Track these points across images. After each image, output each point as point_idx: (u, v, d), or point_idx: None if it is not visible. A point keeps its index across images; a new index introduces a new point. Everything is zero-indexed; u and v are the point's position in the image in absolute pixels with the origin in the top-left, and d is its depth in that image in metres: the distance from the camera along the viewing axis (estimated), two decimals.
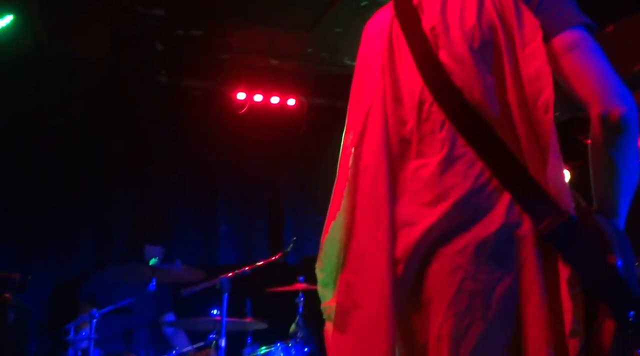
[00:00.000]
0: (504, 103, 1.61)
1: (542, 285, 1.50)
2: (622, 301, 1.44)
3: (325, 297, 1.77)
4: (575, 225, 1.50)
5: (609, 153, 1.58)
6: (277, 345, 4.43)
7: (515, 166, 1.57)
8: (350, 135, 1.78)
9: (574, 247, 1.49)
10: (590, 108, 1.56)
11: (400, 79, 1.73)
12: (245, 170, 5.99)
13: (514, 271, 1.52)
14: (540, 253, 1.52)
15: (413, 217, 1.61)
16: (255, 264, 4.36)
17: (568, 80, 1.60)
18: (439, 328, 1.53)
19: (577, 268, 1.47)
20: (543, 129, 1.55)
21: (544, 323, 1.48)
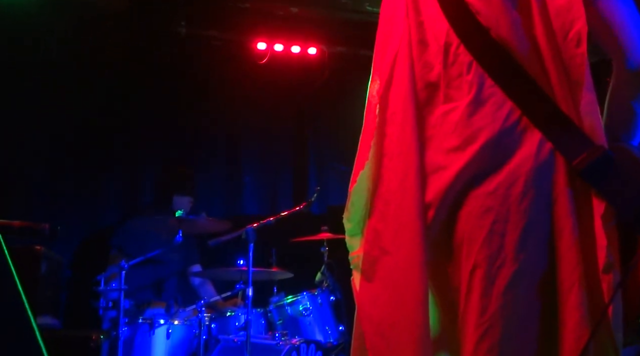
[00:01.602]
0: (532, 39, 1.58)
1: (575, 222, 1.49)
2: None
3: (353, 247, 1.76)
4: (611, 160, 1.49)
5: (631, 106, 1.56)
6: (303, 294, 4.49)
7: (546, 103, 1.54)
8: (376, 83, 1.74)
9: (611, 181, 1.48)
10: (616, 61, 1.54)
11: (425, 23, 1.69)
12: (267, 120, 5.98)
13: (547, 211, 1.51)
14: (573, 191, 1.51)
15: (443, 162, 1.59)
16: (280, 214, 4.39)
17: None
18: (472, 271, 1.53)
19: (614, 202, 1.46)
20: (575, 63, 1.53)
21: (577, 260, 1.48)
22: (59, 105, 5.14)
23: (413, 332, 1.55)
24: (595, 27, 1.56)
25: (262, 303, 4.52)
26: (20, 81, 4.98)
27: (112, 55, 5.39)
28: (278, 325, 4.40)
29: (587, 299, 1.46)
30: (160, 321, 3.90)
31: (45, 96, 5.09)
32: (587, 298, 1.46)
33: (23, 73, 5.01)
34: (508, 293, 1.49)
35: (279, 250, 4.71)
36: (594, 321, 1.45)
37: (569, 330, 1.46)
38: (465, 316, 1.53)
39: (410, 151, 1.62)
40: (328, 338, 4.45)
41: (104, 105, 5.36)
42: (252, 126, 5.97)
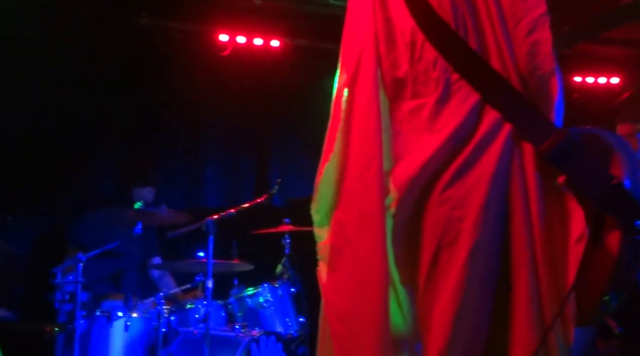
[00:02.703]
0: (492, 29, 1.63)
1: (532, 205, 1.55)
2: (629, 211, 1.50)
3: (321, 238, 1.81)
4: (576, 143, 1.54)
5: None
6: (263, 286, 4.50)
7: (510, 93, 1.60)
8: (343, 77, 1.78)
9: (576, 164, 1.52)
10: None
11: (392, 19, 1.72)
12: (229, 112, 5.94)
13: (504, 196, 1.56)
14: (539, 173, 1.57)
15: (409, 156, 1.63)
16: (241, 206, 4.38)
17: None
18: (432, 256, 1.57)
19: (579, 183, 1.51)
20: (522, 51, 1.60)
21: (529, 240, 1.55)
22: (15, 96, 5.02)
23: (373, 320, 1.60)
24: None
25: (222, 295, 4.51)
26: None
27: (69, 46, 5.28)
28: (238, 317, 4.40)
29: (544, 276, 1.52)
30: (118, 313, 3.86)
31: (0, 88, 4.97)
32: (546, 274, 1.52)
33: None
34: (464, 274, 1.54)
35: (240, 242, 4.70)
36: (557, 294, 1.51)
37: (520, 307, 1.53)
38: (425, 298, 1.59)
39: (373, 144, 1.67)
40: (288, 330, 4.47)
41: (61, 96, 5.25)
42: (213, 118, 5.93)
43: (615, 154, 1.56)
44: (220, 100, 5.84)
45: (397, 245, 1.62)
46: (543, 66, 1.62)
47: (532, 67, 1.61)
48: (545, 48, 1.62)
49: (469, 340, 1.54)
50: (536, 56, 1.62)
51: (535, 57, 1.61)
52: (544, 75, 1.61)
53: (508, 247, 1.57)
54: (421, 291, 1.60)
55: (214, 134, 6.00)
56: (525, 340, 1.53)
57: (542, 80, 1.61)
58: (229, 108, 5.92)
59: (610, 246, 1.50)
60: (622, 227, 1.49)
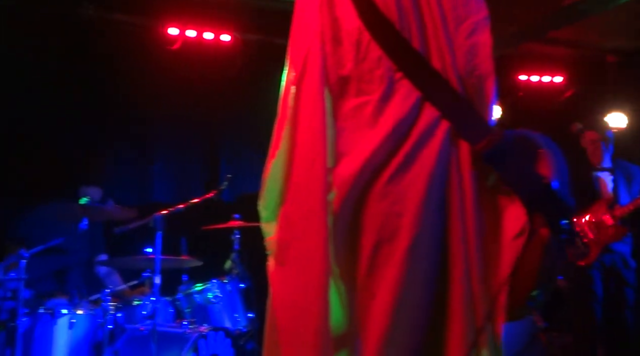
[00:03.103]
0: (434, 29, 1.67)
1: (476, 202, 1.59)
2: (556, 210, 1.56)
3: (269, 233, 1.83)
4: (510, 145, 1.61)
5: None
6: (212, 282, 4.48)
7: (450, 93, 1.65)
8: (291, 74, 1.80)
9: (509, 164, 1.58)
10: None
11: (338, 18, 1.76)
12: (179, 107, 5.89)
13: (442, 192, 1.61)
14: (475, 172, 1.63)
15: (351, 153, 1.66)
16: (190, 202, 4.35)
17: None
18: (372, 250, 1.61)
19: (511, 183, 1.57)
20: (462, 52, 1.66)
21: (464, 235, 1.60)
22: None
23: (314, 312, 1.63)
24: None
25: (170, 292, 4.47)
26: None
27: (14, 38, 5.14)
28: (186, 313, 4.37)
29: (476, 272, 1.58)
30: (63, 311, 3.79)
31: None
32: (479, 270, 1.58)
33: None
34: (403, 268, 1.58)
35: (189, 238, 4.67)
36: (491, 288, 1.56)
37: (455, 302, 1.58)
38: (364, 293, 1.62)
39: (318, 141, 1.70)
40: (237, 326, 4.46)
41: (6, 90, 5.11)
42: (162, 113, 5.86)
43: (545, 156, 1.62)
44: (169, 94, 5.78)
45: (338, 240, 1.65)
46: (481, 67, 1.68)
47: (471, 67, 1.67)
48: (484, 50, 1.68)
49: (406, 335, 1.58)
50: (475, 57, 1.68)
51: (474, 59, 1.68)
52: (482, 76, 1.68)
53: (446, 243, 1.62)
54: (360, 286, 1.63)
55: (163, 129, 5.94)
56: (459, 334, 1.58)
57: (480, 81, 1.67)
58: (179, 103, 5.86)
59: (538, 244, 1.56)
60: (548, 225, 1.55)
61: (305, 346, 1.61)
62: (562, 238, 1.57)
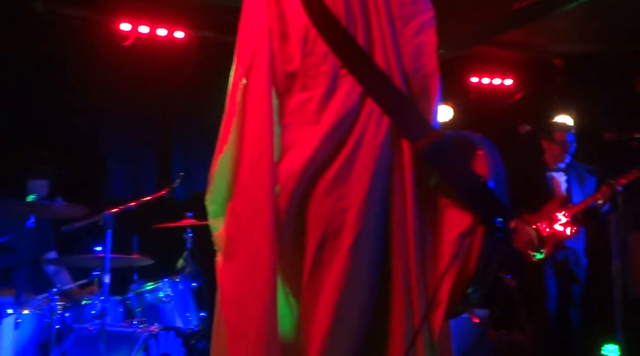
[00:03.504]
0: (379, 27, 1.70)
1: (408, 198, 1.64)
2: (491, 209, 1.60)
3: (216, 228, 1.83)
4: (449, 144, 1.65)
5: None
6: (164, 281, 4.44)
7: (393, 92, 1.69)
8: (239, 70, 1.81)
9: (447, 162, 1.61)
10: None
11: (286, 14, 1.77)
12: (132, 104, 5.81)
13: (385, 188, 1.64)
14: (415, 170, 1.66)
15: (297, 148, 1.68)
16: (141, 200, 4.30)
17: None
18: (316, 247, 1.62)
19: (450, 181, 1.61)
20: (409, 51, 1.69)
21: (405, 232, 1.64)
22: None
23: (259, 307, 1.64)
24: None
25: (121, 291, 4.42)
26: None
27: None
28: (137, 312, 4.32)
29: (415, 270, 1.61)
30: (8, 311, 3.70)
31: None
32: (417, 268, 1.61)
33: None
34: (348, 264, 1.61)
35: (141, 236, 4.61)
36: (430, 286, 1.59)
37: (397, 297, 1.61)
38: (309, 288, 1.64)
39: (265, 137, 1.71)
40: (189, 325, 4.43)
41: None
42: (115, 109, 5.78)
43: (482, 156, 1.67)
44: (122, 90, 5.71)
45: (284, 236, 1.66)
46: (427, 66, 1.72)
47: (417, 66, 1.71)
48: (430, 49, 1.72)
49: (350, 331, 1.61)
50: (421, 57, 1.72)
51: (420, 58, 1.72)
52: (427, 75, 1.72)
53: (388, 240, 1.65)
54: (306, 282, 1.65)
55: (116, 126, 5.86)
56: (399, 332, 1.62)
57: (425, 80, 1.71)
58: (132, 99, 5.79)
59: (474, 242, 1.60)
60: (484, 224, 1.59)
61: (251, 342, 1.62)
62: (497, 236, 1.61)
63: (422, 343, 1.61)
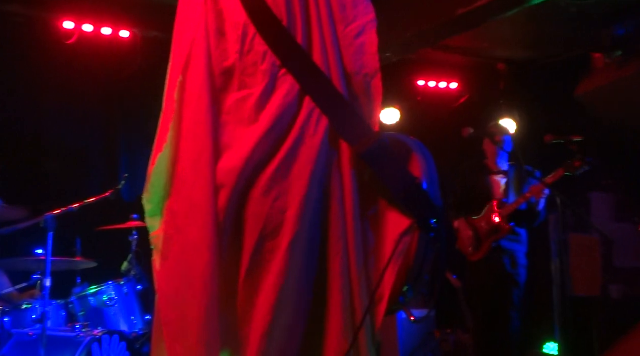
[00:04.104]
0: (319, 28, 1.72)
1: (347, 199, 1.66)
2: (426, 209, 1.63)
3: (154, 227, 1.82)
4: (386, 146, 1.67)
5: None
6: (108, 284, 4.37)
7: (332, 93, 1.70)
8: (175, 68, 1.79)
9: (384, 164, 1.64)
10: None
11: (224, 12, 1.76)
12: (76, 104, 5.68)
13: (323, 188, 1.65)
14: (355, 171, 1.68)
15: (236, 146, 1.68)
16: (85, 201, 4.22)
17: None
18: (254, 246, 1.62)
19: (387, 182, 1.63)
20: (350, 52, 1.71)
21: (341, 233, 1.66)
22: None
23: (199, 304, 1.63)
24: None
25: (63, 294, 4.33)
26: None
27: None
28: (80, 316, 4.24)
29: (355, 269, 1.62)
30: None
31: None
32: (358, 267, 1.62)
33: None
34: (286, 263, 1.62)
35: (84, 238, 4.53)
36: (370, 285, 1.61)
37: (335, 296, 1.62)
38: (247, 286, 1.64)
39: (203, 135, 1.71)
40: (133, 328, 4.38)
41: None
42: (58, 109, 5.64)
43: (416, 158, 1.70)
44: (65, 90, 5.58)
45: (223, 235, 1.66)
46: (368, 66, 1.75)
47: (359, 66, 1.73)
48: (372, 50, 1.75)
49: (288, 329, 1.62)
50: (363, 56, 1.74)
51: (362, 57, 1.74)
52: (369, 74, 1.74)
53: (326, 240, 1.66)
54: (243, 280, 1.65)
55: (59, 126, 5.71)
56: (338, 331, 1.63)
57: (367, 79, 1.74)
58: (75, 99, 5.66)
59: (410, 242, 1.63)
60: (418, 224, 1.63)
61: (192, 342, 1.61)
62: (431, 236, 1.64)
63: (364, 339, 1.62)
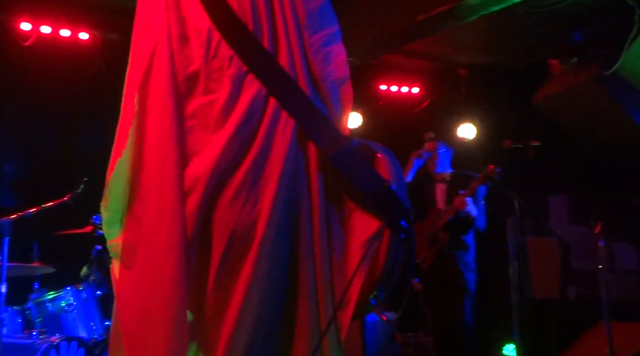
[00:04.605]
0: (285, 34, 1.72)
1: (315, 203, 1.66)
2: (396, 211, 1.65)
3: (112, 235, 1.78)
4: (356, 149, 1.69)
5: None
6: (66, 289, 4.31)
7: (301, 97, 1.70)
8: (135, 73, 1.76)
9: (354, 166, 1.65)
10: None
11: (186, 18, 1.75)
12: (33, 106, 5.58)
13: (293, 192, 1.65)
14: (323, 175, 1.69)
15: (203, 151, 1.66)
16: (42, 206, 4.15)
17: None
18: (222, 253, 1.61)
19: (357, 185, 1.64)
20: (318, 59, 1.71)
21: (311, 236, 1.66)
22: None
23: (169, 314, 1.61)
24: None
25: (20, 301, 4.25)
26: None
27: None
28: (37, 323, 4.16)
29: (321, 273, 1.63)
30: None
31: None
32: (323, 271, 1.63)
33: None
34: (255, 268, 1.61)
35: (42, 243, 4.44)
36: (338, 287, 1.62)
37: (304, 297, 1.62)
38: (216, 291, 1.63)
39: (169, 140, 1.68)
40: (92, 334, 4.31)
41: None
42: (14, 112, 5.53)
43: (384, 161, 1.72)
44: (22, 92, 5.47)
45: (192, 240, 1.64)
46: (336, 73, 1.75)
47: (327, 73, 1.74)
48: (339, 59, 1.75)
49: (259, 331, 1.60)
50: (330, 64, 1.74)
51: (329, 65, 1.74)
52: (337, 81, 1.74)
53: (295, 243, 1.66)
54: (212, 285, 1.63)
55: (15, 129, 5.60)
56: (305, 332, 1.63)
57: (335, 86, 1.74)
58: (33, 101, 5.56)
59: (382, 245, 1.65)
60: (390, 225, 1.64)
61: (159, 351, 1.58)
62: (402, 237, 1.65)
63: (328, 343, 1.62)
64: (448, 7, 4.24)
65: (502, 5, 4.24)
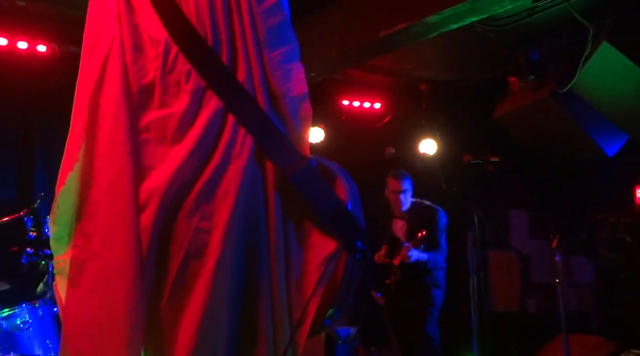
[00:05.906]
0: (244, 48, 1.70)
1: (279, 220, 1.64)
2: (352, 231, 1.64)
3: (59, 251, 1.71)
4: (314, 169, 1.69)
5: None
6: (22, 306, 4.20)
7: (259, 115, 1.68)
8: (85, 83, 1.71)
9: (312, 186, 1.65)
10: None
11: (140, 26, 1.71)
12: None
13: (249, 209, 1.63)
14: (281, 193, 1.67)
15: (159, 166, 1.63)
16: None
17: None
18: (179, 267, 1.58)
19: (314, 204, 1.63)
20: (277, 75, 1.71)
21: (268, 254, 1.64)
22: None
23: (122, 333, 1.55)
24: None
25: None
26: None
27: None
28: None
29: (277, 293, 1.61)
30: None
31: None
32: (280, 291, 1.62)
33: None
34: (211, 286, 1.58)
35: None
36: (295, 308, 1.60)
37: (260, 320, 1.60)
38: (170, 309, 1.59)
39: (122, 154, 1.63)
40: (49, 352, 4.21)
41: None
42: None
43: (340, 181, 1.72)
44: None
45: (146, 257, 1.60)
46: (295, 89, 1.74)
47: (285, 89, 1.72)
48: (299, 76, 1.74)
49: (215, 351, 1.57)
50: (289, 80, 1.73)
51: (289, 81, 1.73)
52: (296, 97, 1.73)
53: (252, 261, 1.64)
54: (166, 302, 1.60)
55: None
56: (262, 350, 1.61)
57: (294, 103, 1.72)
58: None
59: (339, 266, 1.64)
60: (346, 246, 1.63)
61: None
62: (357, 258, 1.65)
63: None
64: (409, 23, 4.30)
65: (460, 23, 4.33)
